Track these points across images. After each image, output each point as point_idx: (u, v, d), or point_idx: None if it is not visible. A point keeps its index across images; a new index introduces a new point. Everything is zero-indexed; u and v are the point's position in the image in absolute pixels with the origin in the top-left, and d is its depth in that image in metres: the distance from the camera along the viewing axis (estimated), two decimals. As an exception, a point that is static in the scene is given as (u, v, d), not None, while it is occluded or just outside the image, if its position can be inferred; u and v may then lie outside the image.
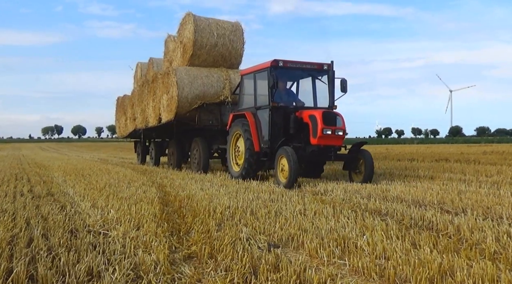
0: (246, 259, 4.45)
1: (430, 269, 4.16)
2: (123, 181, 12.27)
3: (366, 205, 7.89)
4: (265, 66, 12.46)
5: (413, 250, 4.88)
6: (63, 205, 8.12)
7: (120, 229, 5.87)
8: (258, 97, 12.90)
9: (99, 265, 4.33)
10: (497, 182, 11.25)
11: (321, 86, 13.05)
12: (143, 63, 23.94)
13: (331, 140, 11.59)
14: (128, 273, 4.13)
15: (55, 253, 4.75)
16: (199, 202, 8.14)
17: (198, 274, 4.20)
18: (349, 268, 4.43)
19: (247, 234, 5.61)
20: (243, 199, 8.44)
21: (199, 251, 4.90)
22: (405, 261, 4.40)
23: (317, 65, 12.73)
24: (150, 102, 18.80)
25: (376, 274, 4.18)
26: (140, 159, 23.33)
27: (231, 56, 17.20)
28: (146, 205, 7.71)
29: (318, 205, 7.82)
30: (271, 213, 7.05)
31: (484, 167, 15.86)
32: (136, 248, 4.99)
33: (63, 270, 4.22)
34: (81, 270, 4.15)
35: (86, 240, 5.32)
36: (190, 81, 15.84)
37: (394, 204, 7.89)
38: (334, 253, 4.83)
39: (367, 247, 4.98)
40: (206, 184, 11.24)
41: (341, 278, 4.09)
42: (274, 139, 12.03)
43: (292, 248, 5.21)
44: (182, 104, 15.68)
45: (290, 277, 3.97)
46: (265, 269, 4.19)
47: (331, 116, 11.68)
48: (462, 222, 6.14)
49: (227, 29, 17.07)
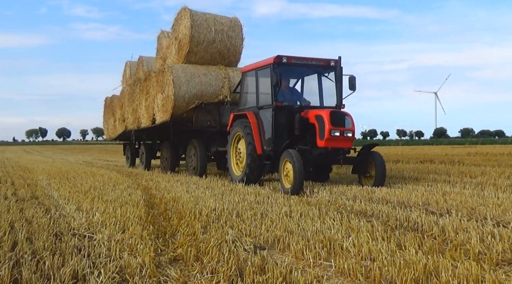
0: (232, 261, 4.44)
1: (415, 270, 4.17)
2: (108, 183, 12.20)
3: (351, 206, 7.91)
4: (267, 63, 11.73)
5: (399, 251, 4.89)
6: (47, 208, 8.06)
7: (105, 232, 5.84)
8: (260, 96, 12.17)
9: (84, 268, 4.30)
10: (481, 183, 11.34)
11: (328, 84, 12.36)
12: (132, 62, 23.03)
13: (339, 142, 10.81)
14: (114, 276, 4.11)
15: (40, 256, 4.70)
16: (184, 205, 8.12)
17: (184, 276, 4.19)
18: (335, 269, 4.44)
19: (233, 236, 5.61)
20: (229, 201, 8.44)
21: (185, 253, 4.88)
22: (391, 262, 4.42)
23: (323, 61, 12.03)
24: (142, 101, 17.85)
25: (362, 275, 4.19)
26: (129, 162, 22.40)
27: (230, 53, 16.30)
28: (132, 208, 7.67)
29: (304, 207, 7.84)
30: (257, 215, 7.05)
31: (469, 168, 15.98)
32: (121, 251, 4.97)
33: (48, 273, 4.19)
34: (66, 273, 4.12)
35: (71, 243, 5.28)
36: (187, 79, 14.95)
37: (379, 205, 7.93)
38: (320, 254, 4.84)
39: (353, 248, 5.00)
40: (191, 187, 11.20)
41: (327, 279, 4.10)
42: (278, 141, 11.24)
43: (278, 250, 5.21)
44: (178, 104, 14.78)
45: (276, 279, 3.97)
46: (251, 271, 4.19)
47: (340, 116, 10.92)
48: (447, 223, 6.18)
49: (225, 25, 16.18)
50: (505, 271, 4.28)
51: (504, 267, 4.46)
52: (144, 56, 21.23)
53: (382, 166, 10.99)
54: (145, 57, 21.15)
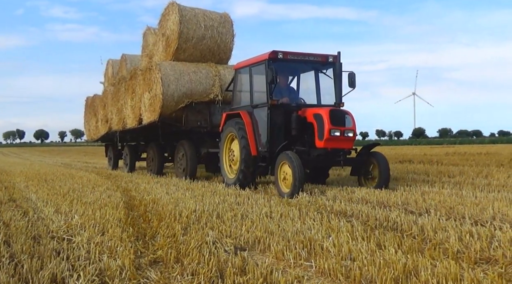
0: (213, 262, 4.43)
1: (395, 269, 4.20)
2: (87, 185, 12.12)
3: (331, 207, 7.93)
4: (262, 59, 11.03)
5: (378, 250, 4.92)
6: (25, 211, 7.97)
7: (85, 235, 5.79)
8: (255, 94, 11.49)
9: (63, 271, 4.26)
10: (459, 182, 11.45)
11: (325, 81, 11.70)
12: (115, 60, 22.19)
13: (339, 142, 10.20)
14: (93, 279, 4.08)
15: (18, 260, 4.66)
16: (164, 206, 8.09)
17: (164, 278, 4.18)
18: (316, 269, 4.45)
19: (214, 237, 5.60)
20: (209, 203, 8.42)
21: (165, 255, 4.86)
22: (371, 262, 4.44)
23: (321, 57, 11.33)
24: (128, 101, 16.98)
25: (342, 275, 4.21)
26: (112, 164, 21.44)
27: (220, 50, 15.60)
28: (111, 210, 7.61)
29: (284, 207, 7.85)
30: (237, 216, 7.04)
31: (447, 168, 16.13)
32: (101, 253, 4.93)
33: (26, 277, 4.14)
34: (44, 277, 4.08)
35: (49, 246, 5.23)
36: (176, 77, 14.18)
37: (359, 205, 7.96)
38: (301, 255, 4.84)
39: (333, 248, 5.01)
40: (171, 188, 11.16)
41: (307, 279, 4.11)
42: (274, 142, 10.63)
43: (259, 251, 5.21)
44: (167, 103, 14.01)
45: (257, 280, 3.97)
46: (231, 272, 4.18)
47: (340, 115, 10.29)
48: (426, 223, 6.23)
49: (216, 21, 15.44)
50: (483, 270, 4.32)
51: (482, 266, 4.50)
52: (127, 54, 20.55)
53: (386, 167, 10.43)
54: (128, 55, 20.46)
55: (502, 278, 4.00)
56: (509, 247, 4.98)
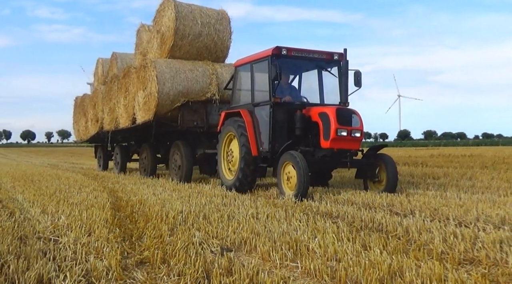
0: (199, 263, 4.43)
1: (380, 270, 4.22)
2: (74, 186, 12.05)
3: (317, 208, 7.95)
4: (265, 55, 10.45)
5: (364, 251, 4.94)
6: (11, 212, 7.91)
7: (71, 235, 5.76)
8: (256, 92, 10.87)
9: (50, 272, 4.23)
10: (443, 184, 11.53)
11: (329, 79, 11.16)
12: (105, 59, 21.58)
13: (346, 143, 9.62)
14: (80, 280, 4.06)
15: (4, 260, 4.62)
16: (151, 207, 8.06)
17: (151, 279, 4.17)
18: (301, 270, 4.46)
19: (200, 238, 5.59)
20: (196, 204, 8.41)
21: (151, 256, 4.84)
22: (356, 263, 4.46)
23: (326, 54, 10.76)
24: (121, 100, 16.31)
25: (328, 276, 4.22)
26: (101, 165, 20.97)
27: (217, 48, 14.95)
28: (98, 211, 7.57)
29: (270, 208, 7.85)
30: (223, 217, 7.04)
31: (431, 170, 16.25)
32: (87, 254, 4.90)
33: (12, 277, 4.12)
34: (31, 277, 4.05)
35: (36, 247, 5.19)
36: (172, 75, 13.54)
37: (344, 207, 7.98)
38: (287, 256, 4.85)
39: (319, 249, 5.03)
40: (158, 189, 11.13)
41: (293, 280, 4.12)
42: (276, 141, 10.10)
43: (245, 252, 5.21)
44: (162, 102, 13.37)
45: (243, 280, 3.97)
46: (218, 273, 4.18)
47: (347, 114, 9.69)
48: (411, 224, 6.26)
49: (212, 17, 14.80)
50: (467, 270, 4.35)
51: (466, 266, 4.53)
52: (118, 52, 19.98)
53: (394, 169, 9.91)
54: (119, 53, 19.91)
55: (485, 278, 4.04)
56: (493, 248, 5.03)
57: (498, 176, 13.74)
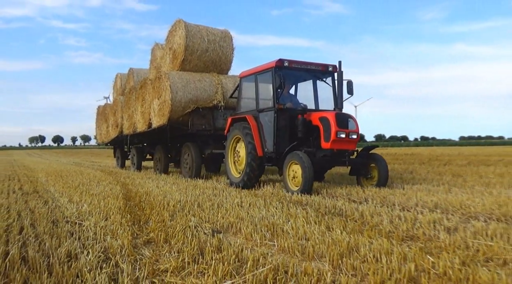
0: (195, 242, 4.41)
1: (340, 246, 4.25)
2: (94, 180, 11.96)
3: (290, 197, 7.96)
4: (269, 67, 9.87)
5: (328, 232, 4.96)
6: (46, 200, 7.87)
7: (92, 220, 5.72)
8: (261, 100, 10.30)
9: (76, 249, 4.25)
10: (390, 177, 11.52)
11: (323, 88, 10.52)
12: (123, 74, 21.03)
13: (344, 144, 9.12)
14: (99, 255, 4.05)
15: (41, 239, 4.67)
16: (155, 197, 8.01)
17: (156, 255, 4.15)
18: (277, 248, 4.47)
19: (195, 222, 5.57)
20: (192, 195, 8.37)
21: (156, 237, 4.82)
22: (321, 241, 4.48)
23: (321, 66, 10.15)
24: (138, 108, 15.79)
25: (299, 252, 4.23)
26: (120, 163, 20.33)
27: (221, 61, 14.46)
28: (112, 200, 7.53)
29: (252, 198, 7.84)
30: (214, 205, 7.02)
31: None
32: (105, 235, 4.88)
33: (48, 253, 4.14)
34: (62, 252, 4.07)
35: (65, 228, 5.22)
36: (183, 85, 13.10)
37: (312, 196, 8.00)
38: (265, 236, 4.85)
39: (292, 230, 5.04)
40: (161, 183, 11.05)
41: (271, 256, 4.13)
42: (280, 144, 9.53)
43: (232, 233, 5.20)
44: (175, 108, 12.89)
45: (231, 256, 3.97)
46: (210, 251, 4.18)
47: (344, 118, 9.19)
48: (365, 209, 6.31)
49: (217, 35, 14.38)
50: (408, 245, 4.39)
51: (408, 242, 4.57)
52: (134, 68, 19.37)
53: (385, 167, 9.36)
54: (135, 68, 19.31)
55: (422, 251, 4.09)
56: (428, 227, 5.09)
57: (432, 170, 13.91)
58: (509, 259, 3.87)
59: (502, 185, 9.29)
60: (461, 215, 5.96)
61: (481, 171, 13.12)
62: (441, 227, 5.03)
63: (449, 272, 3.47)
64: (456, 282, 3.32)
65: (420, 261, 3.77)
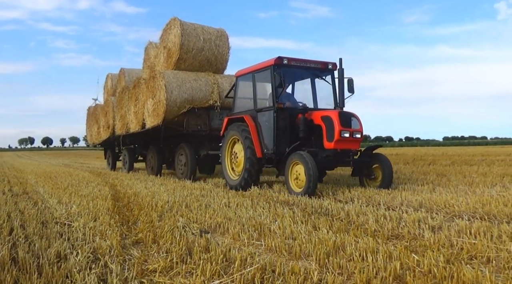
0: (183, 243, 4.42)
1: (327, 245, 4.27)
2: (82, 181, 11.90)
3: (277, 197, 7.99)
4: (267, 65, 9.43)
5: (314, 231, 4.98)
6: (35, 202, 7.85)
7: (81, 221, 5.69)
8: (259, 99, 9.92)
9: (65, 249, 4.23)
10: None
11: (322, 86, 10.09)
12: (114, 74, 20.31)
13: (348, 143, 8.70)
14: (89, 256, 4.03)
15: (31, 240, 4.65)
16: (143, 198, 7.99)
17: (144, 255, 4.15)
18: (265, 247, 4.49)
19: (183, 223, 5.57)
20: (179, 195, 8.36)
21: (144, 237, 4.82)
22: (308, 240, 4.50)
23: (320, 64, 9.74)
24: (131, 108, 15.29)
25: (286, 251, 4.25)
26: (111, 165, 19.67)
27: (217, 61, 14.01)
28: (101, 201, 7.50)
29: (239, 198, 7.85)
30: (202, 205, 7.02)
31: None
32: (94, 235, 4.86)
33: (38, 253, 4.11)
34: (51, 253, 4.06)
35: (54, 229, 5.20)
36: (178, 84, 12.64)
37: (299, 196, 8.01)
38: (253, 236, 4.87)
39: (279, 230, 5.06)
40: (149, 184, 11.02)
41: (258, 255, 4.14)
42: (280, 144, 9.09)
43: (219, 233, 5.21)
44: (170, 108, 12.45)
45: (218, 256, 3.98)
46: (198, 250, 4.18)
47: (348, 117, 8.77)
48: (351, 208, 6.35)
49: (213, 34, 13.92)
50: (393, 244, 4.44)
51: (393, 240, 4.62)
52: (125, 68, 18.81)
53: (389, 168, 8.94)
54: (126, 68, 18.73)
55: (407, 249, 4.13)
56: (413, 226, 5.15)
57: (416, 170, 14.03)
58: (492, 257, 3.93)
59: (485, 184, 9.42)
60: (445, 214, 6.03)
61: (465, 171, 13.27)
62: (426, 226, 5.09)
63: (433, 270, 3.52)
64: (440, 280, 3.36)
65: (405, 260, 3.81)
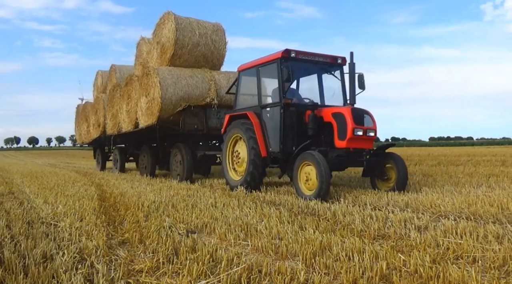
0: (169, 243, 4.40)
1: (313, 245, 4.28)
2: (69, 181, 11.83)
3: (264, 197, 7.99)
4: (273, 58, 8.79)
5: (301, 231, 4.99)
6: (21, 202, 7.79)
7: (67, 221, 5.64)
8: (263, 95, 9.35)
9: (52, 249, 4.20)
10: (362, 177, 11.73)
11: (330, 82, 9.46)
12: (104, 71, 19.48)
13: (361, 142, 8.09)
14: (75, 256, 4.00)
15: (17, 240, 4.61)
16: (130, 198, 7.94)
17: (131, 256, 4.12)
18: (251, 247, 4.48)
19: (170, 223, 5.55)
20: (166, 195, 8.33)
21: (131, 237, 4.79)
22: (295, 240, 4.51)
23: (330, 58, 9.13)
24: (123, 106, 14.49)
25: (272, 251, 4.25)
26: (100, 166, 19.00)
27: (213, 56, 13.30)
28: (87, 201, 7.45)
29: (226, 198, 7.84)
30: (188, 205, 7.00)
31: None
32: (80, 236, 4.82)
33: (24, 254, 4.08)
34: (37, 253, 4.02)
35: (40, 229, 5.16)
36: (173, 81, 11.93)
37: (285, 196, 8.04)
38: (239, 236, 4.86)
39: (265, 230, 5.05)
40: (135, 183, 10.96)
41: (245, 255, 4.14)
42: (287, 142, 8.51)
43: (206, 233, 5.20)
44: (165, 107, 11.75)
45: (205, 256, 3.97)
46: (184, 251, 4.17)
47: (361, 114, 8.15)
48: (337, 208, 6.36)
49: (209, 29, 13.24)
50: (380, 244, 4.46)
51: (379, 240, 4.64)
52: (116, 64, 17.98)
53: (404, 168, 8.30)
54: (117, 65, 17.94)
55: (393, 249, 4.15)
56: (399, 225, 5.18)
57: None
58: (478, 257, 3.97)
59: (471, 184, 9.51)
60: (432, 214, 6.08)
61: (451, 171, 13.40)
62: (412, 226, 5.12)
63: (420, 270, 3.54)
64: (426, 280, 3.38)
65: (391, 259, 3.83)
